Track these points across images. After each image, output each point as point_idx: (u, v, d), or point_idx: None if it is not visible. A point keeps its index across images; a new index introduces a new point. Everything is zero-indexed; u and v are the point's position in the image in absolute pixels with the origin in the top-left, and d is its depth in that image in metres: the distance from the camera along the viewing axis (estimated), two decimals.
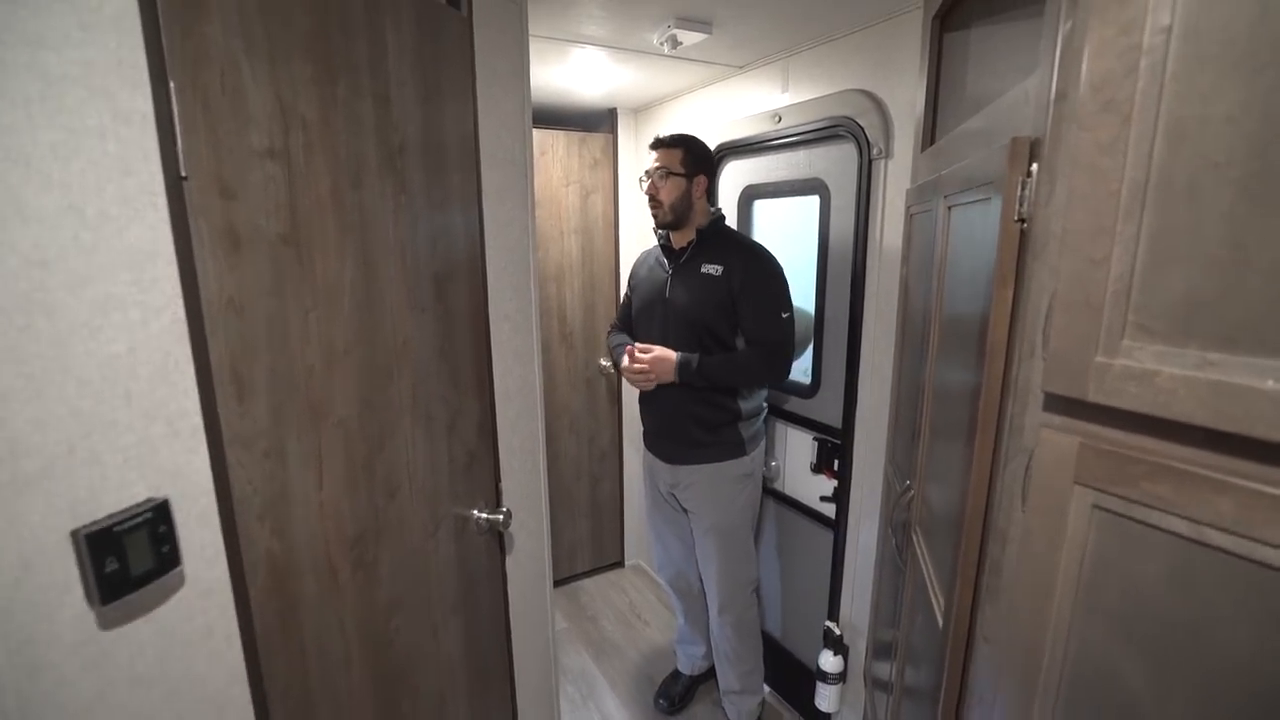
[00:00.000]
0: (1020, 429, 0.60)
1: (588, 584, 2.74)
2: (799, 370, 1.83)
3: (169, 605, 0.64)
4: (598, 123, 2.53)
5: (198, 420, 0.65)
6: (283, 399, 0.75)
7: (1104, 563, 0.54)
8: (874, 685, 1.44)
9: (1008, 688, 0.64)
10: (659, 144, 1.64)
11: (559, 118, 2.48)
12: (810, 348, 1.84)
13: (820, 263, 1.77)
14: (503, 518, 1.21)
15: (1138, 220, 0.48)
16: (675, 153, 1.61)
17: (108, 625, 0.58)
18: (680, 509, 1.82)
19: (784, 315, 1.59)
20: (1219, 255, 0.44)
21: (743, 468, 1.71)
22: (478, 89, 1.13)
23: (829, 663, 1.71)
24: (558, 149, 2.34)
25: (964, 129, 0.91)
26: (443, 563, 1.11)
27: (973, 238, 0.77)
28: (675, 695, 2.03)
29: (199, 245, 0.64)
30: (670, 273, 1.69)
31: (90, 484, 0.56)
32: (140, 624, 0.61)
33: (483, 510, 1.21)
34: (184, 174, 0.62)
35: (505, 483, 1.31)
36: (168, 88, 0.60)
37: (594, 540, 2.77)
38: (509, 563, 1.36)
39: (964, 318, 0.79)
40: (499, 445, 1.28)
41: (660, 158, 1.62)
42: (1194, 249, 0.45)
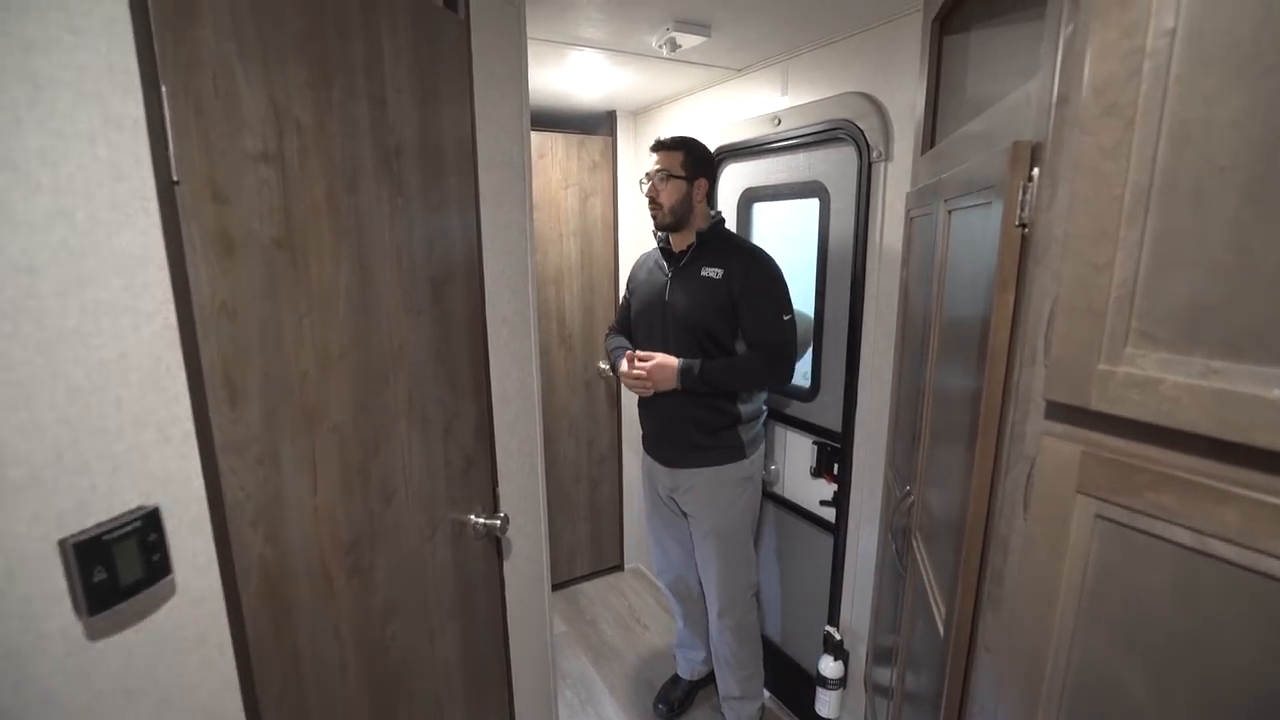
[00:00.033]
0: (1021, 436, 0.60)
1: (587, 587, 2.73)
2: (798, 374, 1.83)
3: (160, 614, 0.63)
4: (597, 125, 2.52)
5: (189, 426, 0.65)
6: (276, 404, 0.75)
7: (1107, 572, 0.53)
8: (874, 691, 1.43)
9: (1010, 697, 0.63)
10: (660, 146, 1.63)
11: (558, 120, 2.48)
12: (810, 351, 1.83)
13: (820, 266, 1.76)
14: (499, 523, 1.20)
15: (1141, 225, 0.47)
16: (676, 155, 1.61)
17: (96, 636, 0.57)
18: (680, 513, 1.82)
19: (785, 317, 1.59)
20: (1224, 261, 0.43)
21: (742, 471, 1.70)
22: (475, 91, 1.13)
23: (829, 668, 1.70)
24: (556, 151, 2.33)
25: (964, 132, 0.90)
26: (439, 568, 1.10)
27: (973, 242, 0.77)
28: (674, 700, 2.02)
29: (191, 250, 0.63)
30: (670, 276, 1.68)
31: (79, 492, 0.55)
32: (130, 634, 0.60)
33: (480, 515, 1.21)
34: (176, 178, 0.61)
35: (503, 487, 1.31)
36: (159, 92, 0.59)
37: (593, 543, 2.76)
38: (506, 567, 1.35)
39: (964, 322, 0.79)
40: (496, 449, 1.27)
41: (661, 160, 1.61)
42: (1198, 255, 0.45)
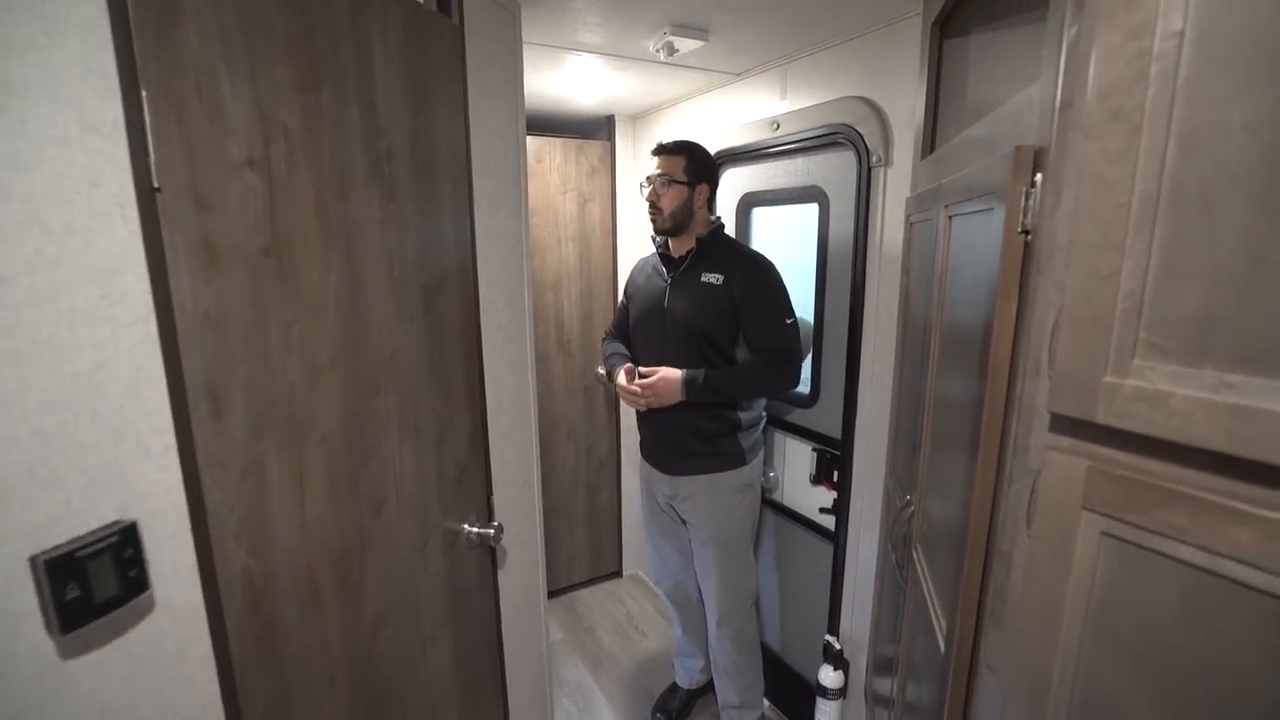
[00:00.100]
0: (1025, 449, 0.58)
1: (585, 594, 2.71)
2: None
3: (137, 631, 0.61)
4: (595, 130, 2.51)
5: (170, 439, 0.63)
6: (262, 415, 0.73)
7: (1114, 592, 0.51)
8: (875, 701, 1.41)
9: (1013, 718, 0.61)
10: (661, 150, 1.61)
11: (556, 125, 2.47)
12: (810, 357, 1.82)
13: (819, 271, 1.75)
14: (493, 532, 1.18)
15: (1149, 233, 0.45)
16: (678, 160, 1.59)
17: (69, 655, 0.55)
18: (678, 520, 1.79)
19: (788, 321, 1.57)
20: (1236, 271, 0.42)
21: (742, 478, 1.68)
22: (469, 96, 1.11)
23: (829, 678, 1.68)
24: (555, 156, 2.32)
25: (965, 137, 0.88)
26: (432, 578, 1.09)
27: (974, 248, 0.75)
28: (673, 709, 1.99)
29: (173, 258, 0.62)
30: (669, 282, 1.66)
31: (52, 507, 0.54)
32: (106, 652, 0.58)
33: (473, 524, 1.19)
34: (156, 185, 0.60)
35: (497, 496, 1.29)
36: (139, 96, 0.58)
37: (591, 550, 2.74)
38: (501, 576, 1.33)
39: (966, 330, 0.77)
40: (491, 457, 1.26)
41: (662, 164, 1.60)
42: (1209, 264, 0.43)
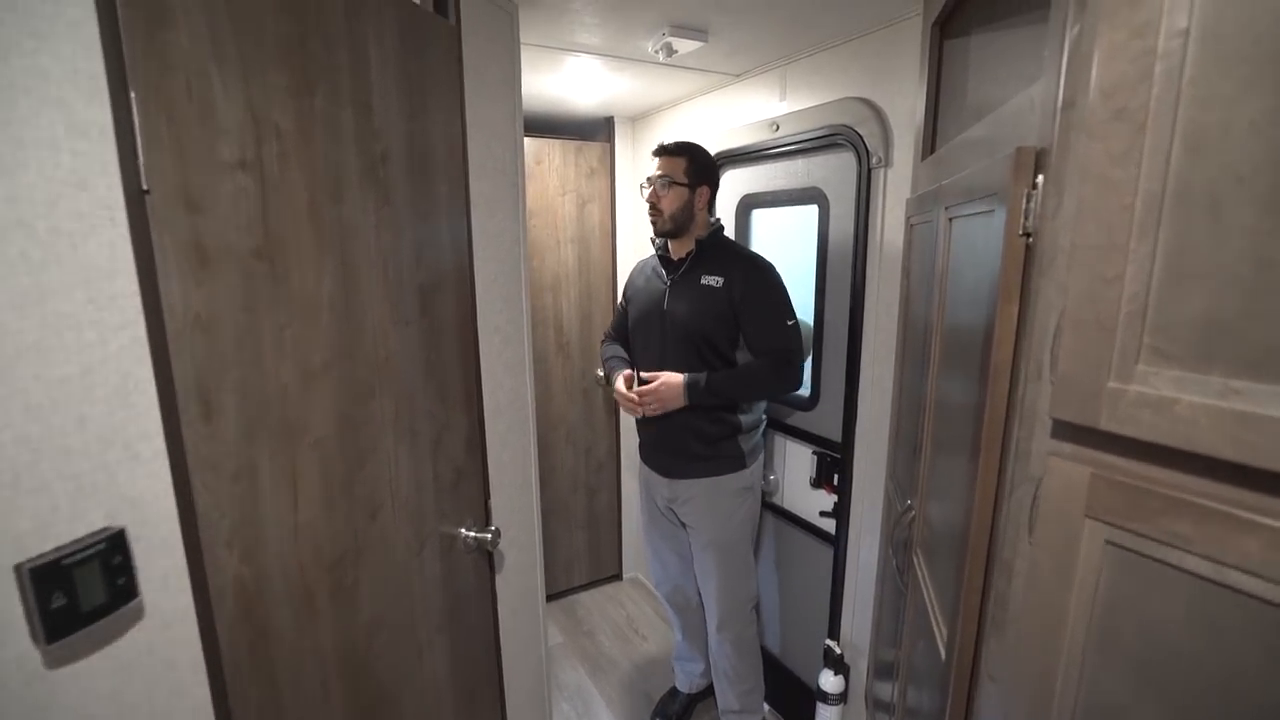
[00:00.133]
0: (1026, 455, 0.57)
1: (584, 597, 2.70)
2: None
3: (126, 639, 0.60)
4: (594, 131, 2.51)
5: (160, 444, 0.62)
6: (254, 419, 0.72)
7: (1118, 601, 0.50)
8: (875, 707, 1.40)
9: None
10: (663, 151, 1.60)
11: (555, 126, 2.46)
12: (810, 359, 1.81)
13: (819, 273, 1.74)
14: (490, 536, 1.17)
15: (1153, 236, 0.44)
16: (679, 161, 1.58)
17: (55, 664, 0.54)
18: (678, 523, 1.78)
19: (790, 323, 1.56)
20: (1242, 274, 0.41)
21: (742, 481, 1.67)
22: (466, 98, 1.11)
23: (829, 683, 1.66)
24: (554, 158, 2.31)
25: (965, 138, 0.88)
26: (428, 583, 1.08)
27: (975, 250, 0.74)
28: (673, 714, 1.98)
29: (162, 261, 0.61)
30: (669, 284, 1.65)
31: (38, 514, 0.53)
32: (94, 660, 0.57)
33: (470, 528, 1.18)
34: (146, 187, 0.59)
35: (495, 499, 1.28)
36: (128, 98, 0.57)
37: (591, 553, 2.73)
38: (499, 580, 1.32)
39: (966, 334, 0.76)
40: (488, 461, 1.25)
41: (663, 165, 1.58)
42: (1215, 267, 0.42)
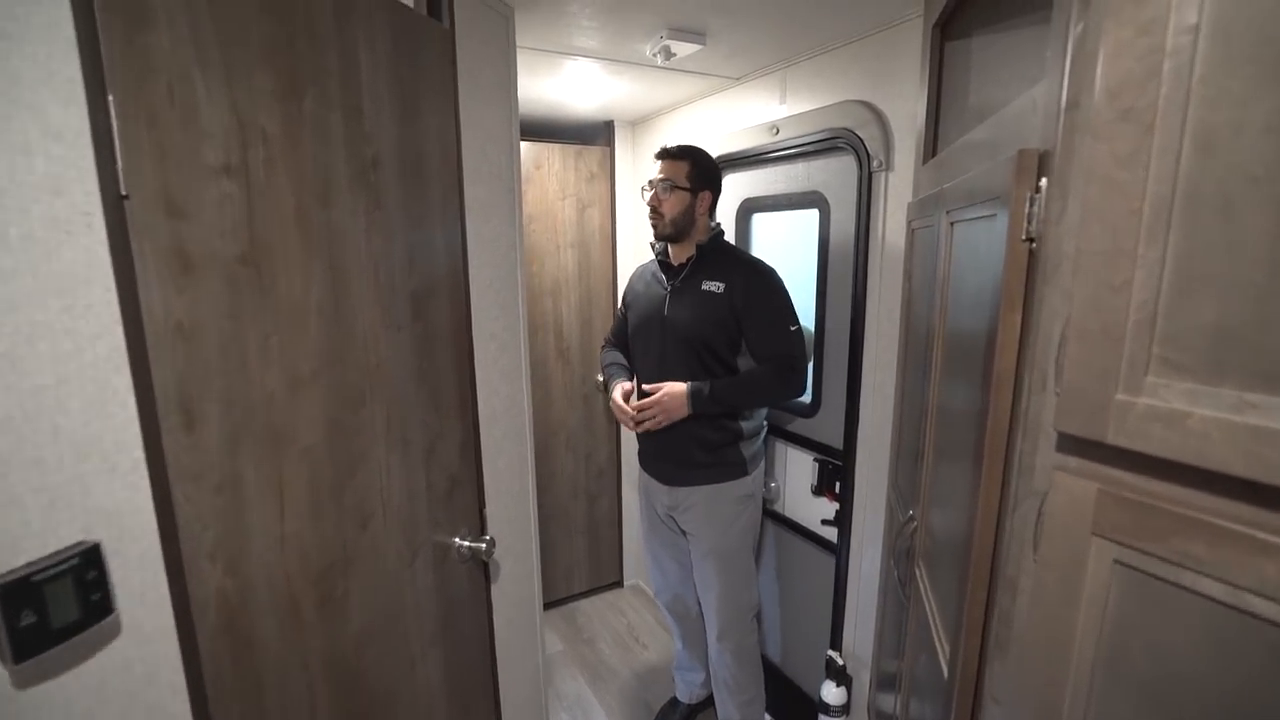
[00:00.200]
0: (1030, 469, 0.55)
1: (585, 605, 2.67)
2: None
3: (102, 656, 0.58)
4: (594, 135, 2.50)
5: (139, 454, 0.61)
6: (239, 428, 0.71)
7: (1127, 624, 0.48)
8: (878, 719, 1.37)
9: None
10: (665, 154, 1.59)
11: (555, 131, 2.45)
12: (810, 365, 1.78)
13: (820, 277, 1.72)
14: (485, 546, 1.15)
15: (1163, 241, 0.42)
16: (681, 165, 1.56)
17: (25, 684, 0.53)
18: (678, 531, 1.76)
19: (792, 328, 1.54)
20: (1257, 281, 0.39)
21: (744, 488, 1.65)
22: (461, 101, 1.09)
23: (831, 694, 1.64)
24: (554, 162, 2.30)
25: (967, 140, 0.86)
26: (421, 593, 1.06)
27: (977, 255, 0.72)
28: None
29: (142, 268, 0.60)
30: (669, 290, 1.63)
31: (7, 529, 0.51)
32: (67, 679, 0.56)
33: (465, 537, 1.16)
34: (125, 192, 0.58)
35: (490, 507, 1.26)
36: (106, 101, 0.56)
37: (591, 560, 2.70)
38: (494, 590, 1.30)
39: (969, 340, 0.74)
40: (483, 469, 1.23)
41: (665, 169, 1.57)
42: (1228, 274, 0.40)
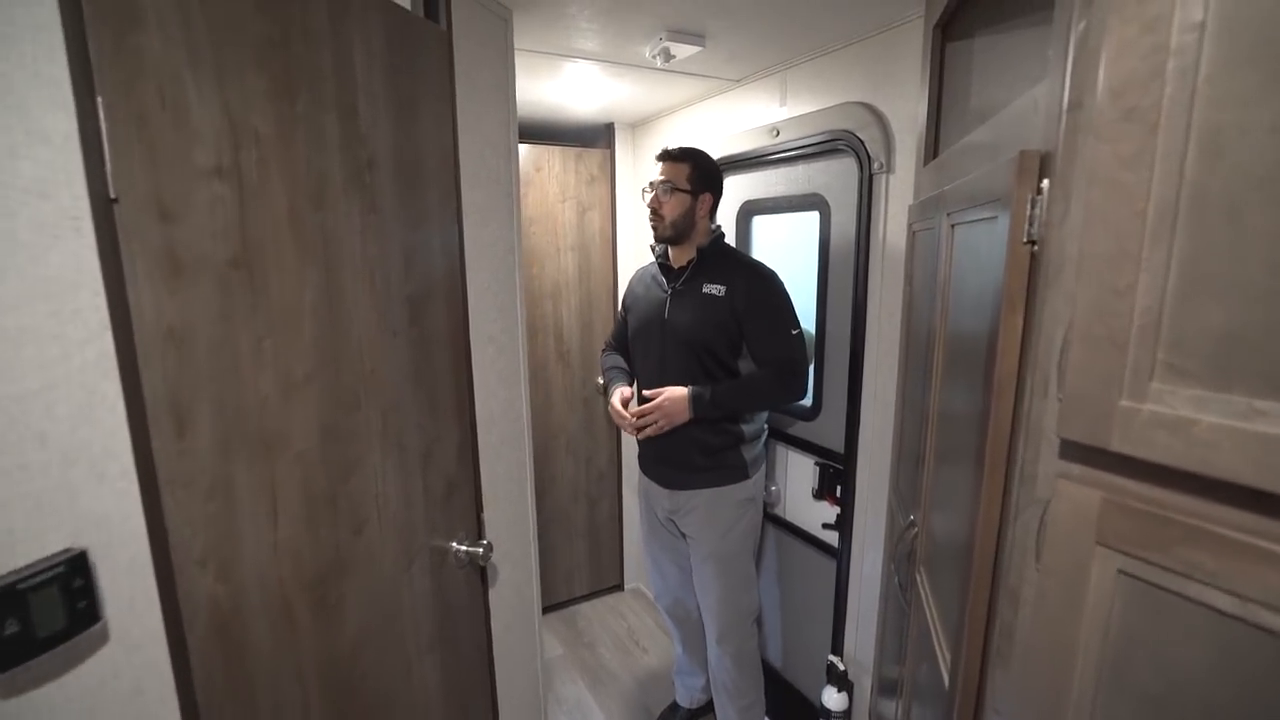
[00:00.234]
0: (1033, 477, 0.54)
1: (585, 608, 2.66)
2: None
3: (89, 665, 0.58)
4: (594, 138, 2.49)
5: (128, 461, 0.60)
6: (230, 433, 0.70)
7: (1132, 636, 0.46)
8: None
9: None
10: (666, 156, 1.58)
11: (555, 133, 2.45)
12: (811, 368, 1.77)
13: (821, 280, 1.71)
14: (482, 550, 1.14)
15: (1168, 244, 0.41)
16: (682, 167, 1.55)
17: (9, 694, 0.52)
18: (679, 535, 1.75)
19: (794, 332, 1.53)
20: (1265, 284, 0.38)
21: (745, 492, 1.64)
22: (459, 104, 1.09)
23: (832, 700, 1.62)
24: (554, 165, 2.30)
25: (968, 142, 0.85)
26: (417, 598, 1.05)
27: (979, 258, 0.71)
28: None
29: (131, 272, 0.59)
30: (669, 293, 1.62)
31: None
32: (51, 689, 0.55)
33: (462, 542, 1.15)
34: (114, 196, 0.57)
35: (489, 511, 1.25)
36: (94, 103, 0.55)
37: (592, 563, 2.69)
38: (492, 595, 1.30)
39: (970, 344, 0.73)
40: (481, 473, 1.22)
41: (666, 170, 1.56)
42: (1235, 277, 0.39)
